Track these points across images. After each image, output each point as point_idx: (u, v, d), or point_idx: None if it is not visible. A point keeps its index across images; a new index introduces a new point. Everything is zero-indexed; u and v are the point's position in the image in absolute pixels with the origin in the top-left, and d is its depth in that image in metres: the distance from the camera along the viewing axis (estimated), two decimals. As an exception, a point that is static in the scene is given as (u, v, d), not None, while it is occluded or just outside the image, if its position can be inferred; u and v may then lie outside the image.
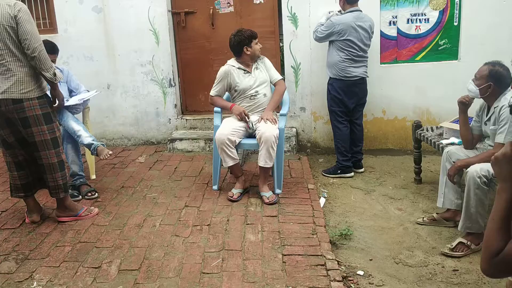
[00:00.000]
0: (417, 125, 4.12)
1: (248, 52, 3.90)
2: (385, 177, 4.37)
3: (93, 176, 4.40)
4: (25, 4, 3.43)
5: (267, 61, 4.06)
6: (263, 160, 3.67)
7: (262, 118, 3.79)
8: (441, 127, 3.94)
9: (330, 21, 4.20)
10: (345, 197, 3.95)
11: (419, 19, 4.81)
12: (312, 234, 3.12)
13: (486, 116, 3.17)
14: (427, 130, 4.05)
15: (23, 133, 3.18)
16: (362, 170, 4.51)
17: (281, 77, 4.07)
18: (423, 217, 3.43)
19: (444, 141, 3.66)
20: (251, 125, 3.78)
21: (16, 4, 3.01)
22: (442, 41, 4.83)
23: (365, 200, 3.89)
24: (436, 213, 3.39)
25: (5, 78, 3.03)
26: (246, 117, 3.81)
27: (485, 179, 2.84)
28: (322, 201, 3.79)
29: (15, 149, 3.28)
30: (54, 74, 3.14)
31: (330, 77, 4.38)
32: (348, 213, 3.62)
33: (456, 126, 3.51)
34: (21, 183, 3.37)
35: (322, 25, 4.29)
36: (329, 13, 4.40)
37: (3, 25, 2.96)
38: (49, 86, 3.29)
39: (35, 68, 3.09)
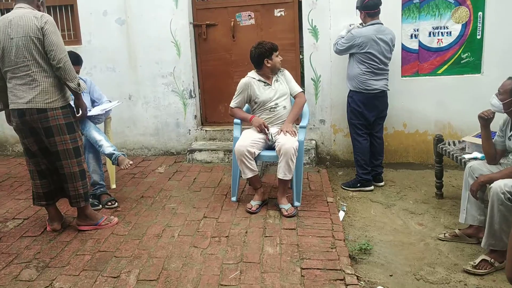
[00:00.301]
0: (439, 139, 4.06)
1: (269, 65, 3.92)
2: (405, 191, 4.32)
3: (114, 186, 4.45)
4: (51, 15, 3.51)
5: (287, 73, 4.07)
6: (282, 172, 3.66)
7: (281, 130, 3.79)
8: (463, 141, 3.88)
9: (351, 33, 4.19)
10: (364, 211, 3.91)
11: (441, 32, 4.77)
12: (331, 248, 3.09)
13: (510, 131, 3.11)
14: (449, 144, 4.00)
15: (45, 142, 3.24)
16: (382, 183, 4.46)
17: (301, 90, 4.07)
18: (444, 233, 3.36)
19: (467, 156, 3.60)
20: (270, 137, 3.78)
21: (42, 16, 3.09)
22: (465, 55, 4.78)
23: (385, 214, 3.84)
24: (458, 229, 3.32)
25: (30, 88, 3.10)
26: (266, 129, 3.81)
27: (509, 195, 2.77)
28: (341, 214, 3.76)
29: (38, 158, 3.34)
30: (78, 85, 3.20)
31: (350, 90, 4.36)
32: (368, 227, 3.58)
33: (479, 141, 3.45)
34: (43, 192, 3.42)
35: (343, 37, 4.29)
36: (350, 26, 4.39)
37: (30, 36, 3.04)
38: (72, 96, 3.35)
39: (59, 78, 3.15)
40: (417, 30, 4.80)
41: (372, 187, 4.36)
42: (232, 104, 4.01)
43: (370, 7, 4.15)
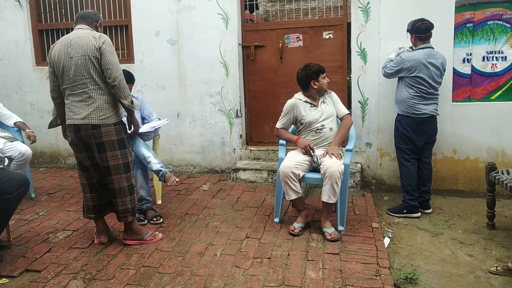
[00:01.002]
0: (491, 167, 3.91)
1: (315, 86, 3.92)
2: (454, 219, 4.16)
3: (159, 202, 4.54)
4: (107, 35, 3.67)
5: (334, 95, 4.06)
6: (327, 195, 3.62)
7: (327, 153, 3.76)
8: (518, 170, 3.73)
9: (400, 57, 4.14)
10: (411, 238, 3.80)
11: (496, 57, 4.63)
12: (376, 275, 3.01)
13: None
14: (503, 173, 3.84)
15: (97, 158, 3.35)
16: (429, 211, 4.32)
17: (348, 112, 4.05)
18: (496, 266, 3.21)
19: (522, 186, 3.45)
20: (315, 159, 3.76)
21: (100, 37, 3.24)
22: (521, 80, 4.61)
23: (432, 243, 3.71)
24: None
25: (86, 104, 3.24)
26: (311, 151, 3.80)
27: None
28: (387, 241, 3.67)
29: (90, 172, 3.46)
30: (132, 102, 3.32)
31: (398, 114, 4.29)
32: (414, 256, 3.47)
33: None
34: (93, 205, 3.54)
35: (392, 61, 4.24)
36: (400, 49, 4.34)
37: (89, 55, 3.19)
38: (125, 113, 3.47)
39: (114, 95, 3.28)
40: (470, 54, 4.68)
41: (419, 214, 4.23)
42: (278, 125, 4.03)
43: (421, 31, 4.09)
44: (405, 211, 4.24)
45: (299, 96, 4.03)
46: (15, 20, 6.04)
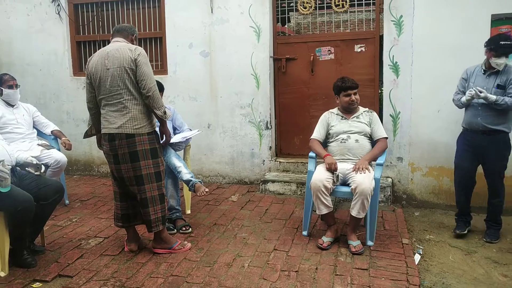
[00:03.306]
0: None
1: (337, 101, 4.06)
2: (488, 238, 4.05)
3: (188, 211, 4.59)
4: (141, 46, 3.78)
5: (375, 116, 4.08)
6: (356, 211, 3.59)
7: (356, 166, 3.74)
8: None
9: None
10: (442, 256, 3.71)
11: None
12: (405, 293, 2.96)
13: None
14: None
15: (128, 169, 3.39)
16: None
17: (386, 136, 4.02)
18: (532, 288, 3.10)
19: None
20: (336, 179, 3.74)
21: (136, 49, 3.33)
22: None
23: (465, 261, 3.61)
24: (549, 285, 3.06)
25: (122, 114, 3.32)
26: (335, 170, 3.77)
27: None
28: (417, 258, 3.59)
29: (121, 181, 3.53)
30: (164, 112, 3.38)
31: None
32: (446, 274, 3.38)
33: None
34: (121, 214, 3.60)
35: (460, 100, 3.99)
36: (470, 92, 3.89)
37: (124, 67, 3.28)
38: (158, 123, 3.54)
39: (148, 106, 3.35)
40: (506, 69, 4.57)
41: None
42: (313, 135, 4.09)
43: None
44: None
45: (333, 110, 4.15)
46: (55, 32, 6.26)
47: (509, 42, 3.71)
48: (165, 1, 5.74)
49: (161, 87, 4.30)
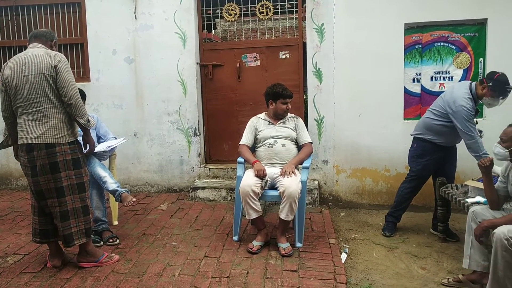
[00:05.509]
0: (441, 183, 4.07)
1: (271, 106, 4.09)
2: (408, 234, 4.29)
3: (115, 222, 4.45)
4: (61, 53, 3.61)
5: (301, 122, 4.18)
6: (285, 214, 3.66)
7: (283, 171, 3.82)
8: (466, 185, 3.89)
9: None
10: (367, 253, 3.88)
11: (443, 77, 4.87)
12: (333, 291, 3.06)
13: (513, 176, 3.12)
14: (452, 188, 4.00)
15: (47, 180, 3.21)
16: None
17: (311, 141, 4.15)
18: (448, 278, 3.32)
19: (470, 200, 3.59)
20: (264, 185, 3.81)
21: (56, 55, 3.19)
22: (467, 99, 4.81)
23: (387, 257, 3.80)
24: (462, 274, 3.28)
25: (41, 123, 3.16)
26: (264, 177, 3.83)
27: (513, 241, 2.75)
28: (344, 256, 3.73)
29: (39, 195, 3.33)
30: (88, 121, 3.26)
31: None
32: (370, 271, 3.54)
33: (481, 185, 3.45)
34: (39, 229, 3.41)
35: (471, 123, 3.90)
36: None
37: (44, 74, 3.12)
38: (81, 132, 3.41)
39: (70, 114, 3.22)
40: (419, 74, 4.91)
41: None
42: (242, 140, 4.12)
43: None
44: None
45: (260, 115, 4.20)
46: (-37, 36, 5.84)
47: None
48: (86, 6, 5.55)
49: (83, 95, 4.14)
